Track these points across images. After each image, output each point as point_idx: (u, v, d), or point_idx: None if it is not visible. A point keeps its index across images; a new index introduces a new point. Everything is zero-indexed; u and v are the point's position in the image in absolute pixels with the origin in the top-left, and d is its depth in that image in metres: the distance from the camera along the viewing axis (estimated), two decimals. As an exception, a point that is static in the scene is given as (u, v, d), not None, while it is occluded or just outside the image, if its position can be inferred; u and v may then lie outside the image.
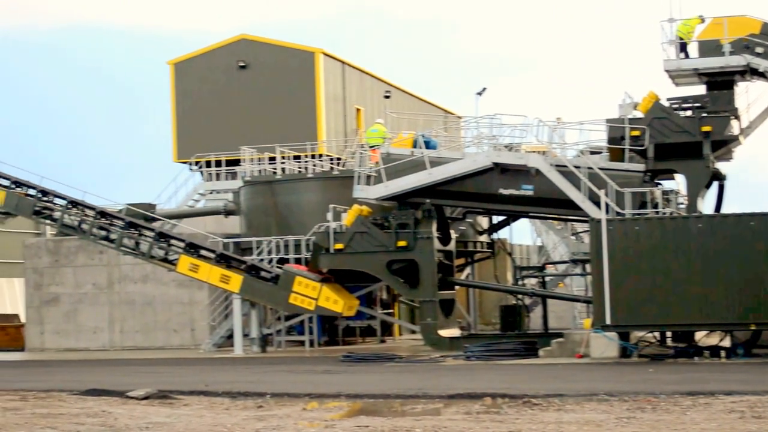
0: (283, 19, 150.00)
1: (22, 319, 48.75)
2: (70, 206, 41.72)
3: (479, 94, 60.50)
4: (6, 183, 42.88)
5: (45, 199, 42.25)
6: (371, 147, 40.13)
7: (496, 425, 18.04)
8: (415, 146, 37.50)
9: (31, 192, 42.58)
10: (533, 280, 44.81)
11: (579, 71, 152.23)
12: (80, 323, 45.38)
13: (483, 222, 44.99)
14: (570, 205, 34.74)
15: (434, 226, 37.27)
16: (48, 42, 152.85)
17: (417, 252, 36.87)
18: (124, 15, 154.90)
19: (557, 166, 34.80)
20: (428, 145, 37.72)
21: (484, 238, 44.72)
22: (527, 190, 35.62)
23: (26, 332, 46.46)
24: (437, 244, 37.38)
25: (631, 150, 34.51)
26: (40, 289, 46.01)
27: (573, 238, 47.02)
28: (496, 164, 35.73)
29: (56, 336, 45.58)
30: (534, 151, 36.39)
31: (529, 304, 43.14)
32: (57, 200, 42.23)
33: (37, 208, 41.86)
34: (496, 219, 44.62)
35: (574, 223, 45.19)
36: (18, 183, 42.74)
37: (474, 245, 44.14)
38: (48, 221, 43.05)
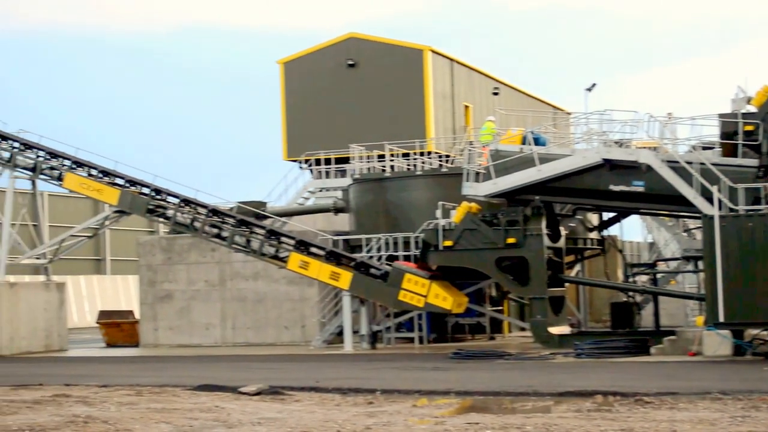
0: (390, 16, 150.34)
1: (137, 316, 49.48)
2: (182, 204, 42.31)
3: (589, 89, 60.01)
4: (120, 182, 43.64)
5: (158, 197, 42.91)
6: (483, 145, 40.02)
7: (607, 423, 17.91)
8: (524, 143, 37.33)
9: (145, 191, 43.29)
10: (644, 278, 44.31)
11: (692, 66, 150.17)
12: (193, 320, 45.95)
13: (593, 219, 44.61)
14: (681, 202, 34.29)
15: (544, 223, 37.07)
16: (159, 44, 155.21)
17: (526, 249, 36.71)
18: (233, 15, 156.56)
19: (669, 162, 34.37)
20: (537, 141, 37.52)
21: (594, 234, 44.34)
22: (638, 187, 35.23)
23: (140, 328, 47.16)
24: (547, 241, 37.17)
25: (744, 145, 33.95)
26: (153, 286, 46.68)
27: (685, 234, 46.42)
28: (606, 160, 35.41)
29: (170, 332, 46.21)
30: (645, 147, 35.98)
31: (640, 301, 42.63)
32: (170, 198, 42.86)
33: (150, 207, 42.52)
34: (606, 216, 44.19)
35: (685, 219, 44.60)
36: (132, 182, 43.47)
37: (584, 242, 43.80)
38: (161, 219, 43.70)
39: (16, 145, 44.96)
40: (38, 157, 44.78)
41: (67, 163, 44.46)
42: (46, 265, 47.07)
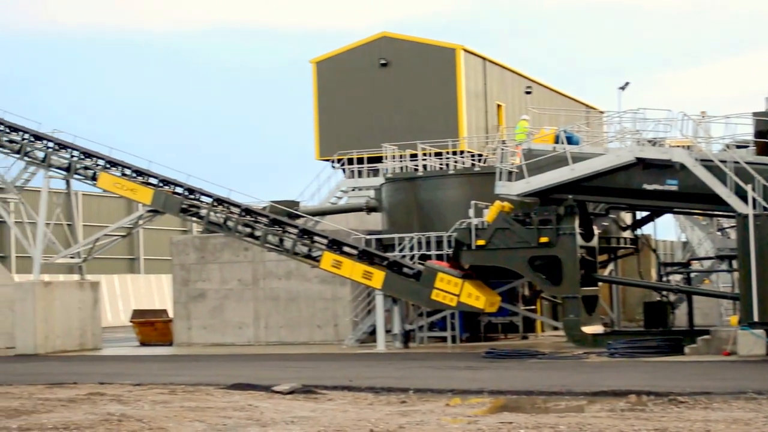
0: (423, 15, 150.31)
1: (170, 315, 49.68)
2: (215, 204, 42.46)
3: (622, 88, 59.77)
4: (154, 181, 43.83)
5: (191, 197, 43.07)
6: (517, 144, 39.96)
7: (641, 423, 17.86)
8: (557, 142, 37.25)
9: (178, 190, 43.47)
10: (678, 277, 44.14)
11: (726, 64, 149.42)
12: (226, 319, 46.08)
13: (626, 218, 44.47)
14: (715, 201, 34.12)
15: (577, 222, 36.98)
16: (191, 44, 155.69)
17: (559, 248, 36.63)
18: (265, 15, 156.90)
19: (702, 160, 34.20)
20: (570, 140, 37.41)
21: (627, 234, 44.18)
22: (672, 185, 35.08)
23: (174, 327, 47.34)
24: (580, 240, 37.08)
25: (778, 143, 33.76)
26: (187, 285, 46.84)
27: (719, 233, 46.21)
28: (639, 159, 35.27)
29: (203, 331, 46.37)
30: (678, 146, 35.83)
31: (674, 300, 42.48)
32: (203, 198, 43.02)
33: (183, 206, 42.69)
34: (639, 215, 44.03)
35: (719, 218, 44.38)
36: (165, 181, 43.66)
37: (617, 241, 43.65)
38: (194, 219, 43.86)
39: (51, 145, 45.24)
40: (72, 156, 45.04)
41: (101, 162, 44.69)
42: (81, 265, 47.32)
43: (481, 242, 37.41)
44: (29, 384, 28.13)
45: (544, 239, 36.70)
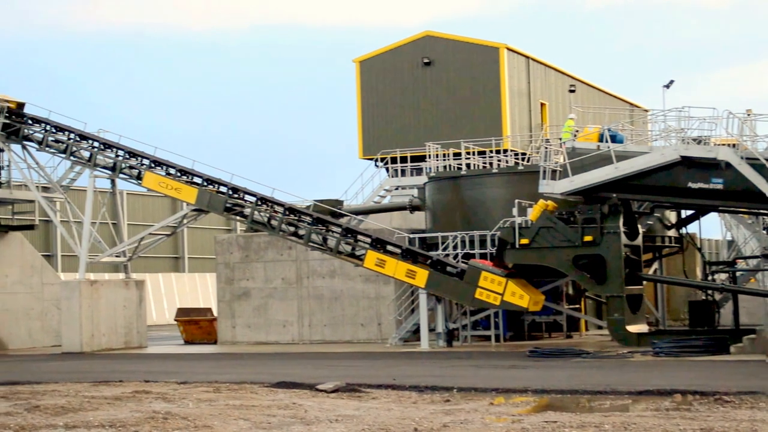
0: (466, 13, 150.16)
1: (215, 313, 49.90)
2: (259, 203, 42.60)
3: (666, 86, 59.52)
4: (198, 181, 44.02)
5: (235, 196, 43.23)
6: (564, 142, 39.81)
7: (686, 422, 17.77)
8: (601, 140, 37.10)
9: (222, 189, 43.64)
10: (723, 276, 43.86)
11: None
12: (270, 317, 46.23)
13: (671, 216, 44.22)
14: (761, 199, 33.90)
15: (621, 221, 36.82)
16: (235, 42, 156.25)
17: (603, 247, 36.48)
18: (309, 13, 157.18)
19: (748, 159, 33.99)
20: (614, 138, 37.26)
21: (672, 232, 43.96)
22: (717, 184, 34.87)
23: (218, 326, 47.55)
24: (624, 239, 36.91)
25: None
26: (231, 284, 47.03)
27: (764, 232, 45.88)
28: (684, 158, 35.08)
29: (247, 329, 46.54)
30: (724, 144, 35.61)
31: (719, 299, 42.23)
32: (247, 197, 43.16)
33: (228, 205, 42.86)
34: (684, 213, 43.80)
35: (765, 217, 44.05)
36: (210, 181, 43.84)
37: (662, 240, 43.45)
38: (239, 218, 44.03)
39: (96, 144, 45.56)
40: (118, 156, 45.33)
41: (146, 162, 44.95)
42: (126, 263, 47.63)
43: (524, 241, 37.33)
44: (75, 382, 28.35)
45: (588, 238, 36.57)
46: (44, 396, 24.59)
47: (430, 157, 49.16)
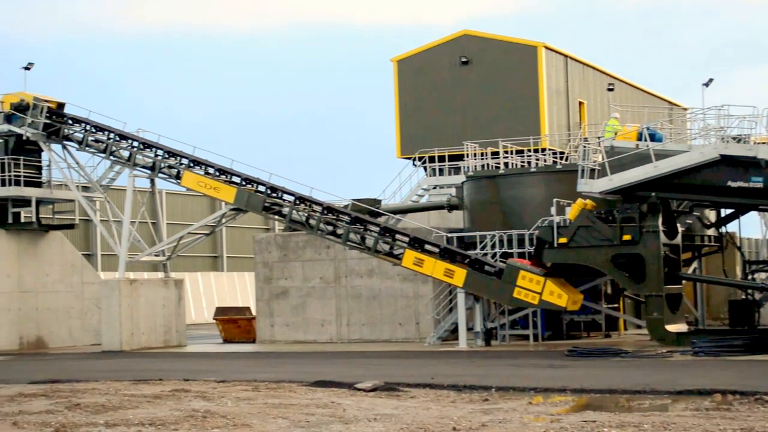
0: (504, 12, 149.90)
1: (253, 312, 50.05)
2: (297, 202, 42.70)
3: (706, 85, 59.31)
4: (237, 180, 44.18)
5: (274, 195, 43.36)
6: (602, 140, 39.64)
7: (726, 422, 17.68)
8: (639, 139, 36.95)
9: (261, 189, 43.76)
10: (763, 275, 43.59)
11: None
12: (308, 316, 46.32)
13: (711, 215, 44.01)
14: (802, 198, 33.68)
15: (660, 220, 36.67)
16: (272, 42, 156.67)
17: (642, 246, 36.34)
18: (346, 12, 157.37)
19: (789, 157, 33.76)
20: (653, 137, 37.09)
21: (711, 231, 43.75)
22: (757, 183, 34.66)
23: (257, 325, 47.69)
24: (663, 238, 36.76)
25: None
26: (269, 283, 47.16)
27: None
28: (723, 156, 34.90)
29: (285, 328, 46.66)
30: (764, 143, 35.39)
31: (760, 298, 41.98)
32: (285, 196, 43.28)
33: (266, 204, 42.98)
34: (724, 212, 43.57)
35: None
36: (248, 180, 43.99)
37: (701, 239, 43.25)
38: (277, 217, 44.15)
39: (136, 144, 45.81)
40: (157, 155, 45.56)
41: (185, 161, 45.15)
42: (165, 262, 47.86)
43: (563, 240, 37.24)
44: (115, 380, 28.52)
45: (627, 237, 36.44)
46: (84, 394, 24.76)
47: (468, 156, 49.13)
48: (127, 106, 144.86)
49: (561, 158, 50.03)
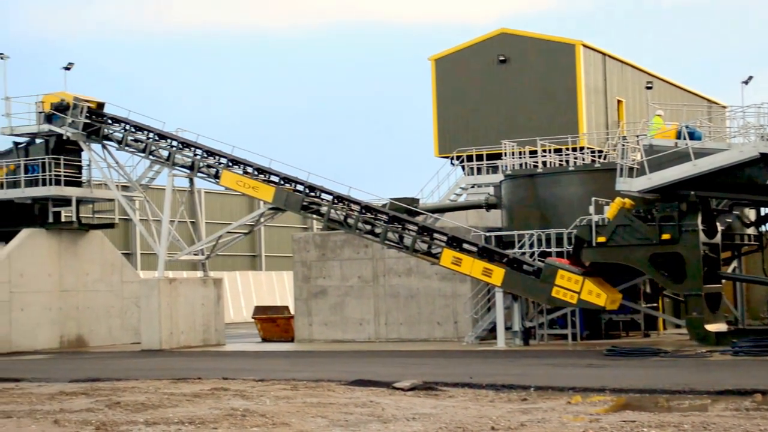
0: (541, 10, 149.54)
1: (291, 311, 50.18)
2: (336, 201, 42.77)
3: (745, 83, 58.90)
4: (275, 179, 44.30)
5: (312, 194, 43.45)
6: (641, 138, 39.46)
7: (767, 423, 17.60)
8: (678, 137, 36.79)
9: (299, 188, 43.86)
10: (804, 274, 43.28)
11: None
12: (346, 315, 46.40)
13: (750, 214, 43.76)
14: (843, 196, 33.42)
15: (699, 219, 36.50)
16: (311, 41, 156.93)
17: (682, 245, 36.17)
18: (384, 11, 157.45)
19: (829, 156, 33.52)
20: (692, 136, 36.91)
21: (751, 230, 43.49)
22: (797, 181, 34.44)
23: (295, 324, 47.80)
24: (702, 237, 36.58)
25: None
26: (308, 282, 47.26)
27: None
28: (763, 155, 34.69)
29: (324, 327, 46.74)
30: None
31: (800, 298, 41.75)
32: (323, 195, 43.35)
33: (304, 204, 43.07)
34: (764, 211, 43.30)
35: None
36: (286, 179, 44.10)
37: (741, 238, 42.99)
38: (315, 216, 44.24)
39: (175, 143, 46.03)
40: (195, 155, 45.76)
41: (224, 161, 45.33)
42: (204, 262, 48.07)
43: (601, 239, 37.12)
44: (155, 379, 28.69)
45: (666, 236, 36.29)
46: (124, 393, 24.93)
47: (506, 155, 49.05)
48: (165, 106, 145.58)
49: (599, 157, 49.85)
